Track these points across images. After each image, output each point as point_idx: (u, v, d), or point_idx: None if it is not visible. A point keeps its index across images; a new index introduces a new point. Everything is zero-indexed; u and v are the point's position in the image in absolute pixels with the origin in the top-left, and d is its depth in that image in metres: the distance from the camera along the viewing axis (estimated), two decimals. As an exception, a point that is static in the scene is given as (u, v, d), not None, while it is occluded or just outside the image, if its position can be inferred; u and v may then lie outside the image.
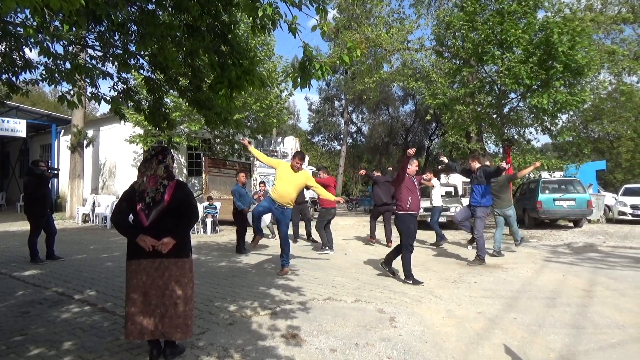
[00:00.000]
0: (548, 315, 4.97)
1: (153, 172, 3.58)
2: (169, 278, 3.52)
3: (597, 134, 22.70)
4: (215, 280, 6.70)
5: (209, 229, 14.04)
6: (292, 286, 6.28)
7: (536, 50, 12.02)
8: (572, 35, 11.63)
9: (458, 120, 14.81)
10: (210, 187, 16.19)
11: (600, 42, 17.58)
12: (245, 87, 4.53)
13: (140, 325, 3.46)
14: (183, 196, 3.62)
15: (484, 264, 8.23)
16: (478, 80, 14.12)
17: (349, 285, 6.40)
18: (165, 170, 3.62)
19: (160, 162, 3.61)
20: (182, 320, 3.52)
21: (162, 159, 3.63)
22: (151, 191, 3.54)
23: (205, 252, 9.79)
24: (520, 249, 10.23)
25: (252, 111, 18.88)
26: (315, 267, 7.96)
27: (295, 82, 3.91)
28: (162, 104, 6.03)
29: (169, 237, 3.49)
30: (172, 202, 3.55)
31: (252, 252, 9.76)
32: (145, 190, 3.54)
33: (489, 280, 6.86)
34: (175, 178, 3.69)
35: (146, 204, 3.52)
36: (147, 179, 3.56)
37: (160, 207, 3.52)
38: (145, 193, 3.53)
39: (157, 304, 3.49)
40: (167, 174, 3.62)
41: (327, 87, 45.70)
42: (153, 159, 3.62)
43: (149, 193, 3.53)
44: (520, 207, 15.70)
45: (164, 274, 3.52)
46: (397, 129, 42.97)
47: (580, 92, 12.43)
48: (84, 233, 13.83)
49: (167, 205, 3.53)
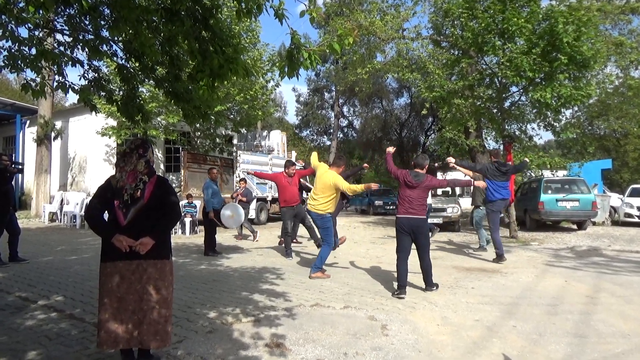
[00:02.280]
0: (549, 323, 5.03)
1: (133, 167, 3.55)
2: (148, 281, 3.51)
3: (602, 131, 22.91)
4: (194, 284, 6.68)
5: (187, 230, 14.00)
6: (277, 291, 6.27)
7: (539, 41, 12.11)
8: (577, 26, 11.73)
9: (456, 115, 14.88)
10: (190, 184, 16.13)
11: (607, 33, 17.74)
12: (228, 76, 4.51)
13: (114, 333, 3.44)
14: (164, 193, 3.61)
15: (504, 259, 8.88)
16: (478, 72, 14.21)
17: (338, 291, 6.41)
18: (146, 166, 3.60)
19: (141, 157, 3.59)
20: (162, 326, 3.51)
21: (143, 153, 3.61)
22: (130, 188, 3.52)
23: (183, 254, 9.75)
24: (521, 252, 10.33)
25: (235, 102, 18.83)
26: (303, 271, 7.97)
27: (282, 71, 3.91)
28: (137, 94, 5.98)
29: (147, 236, 3.47)
30: (152, 200, 3.54)
31: (233, 254, 9.74)
32: (123, 186, 3.51)
33: (487, 285, 6.92)
34: (155, 174, 3.68)
35: (124, 201, 3.49)
36: (127, 174, 3.54)
37: (139, 205, 3.50)
38: (123, 190, 3.50)
39: (134, 310, 3.47)
40: (147, 170, 3.60)
41: (317, 78, 45.70)
42: (133, 153, 3.60)
43: (127, 190, 3.51)
44: (521, 208, 15.86)
45: (142, 276, 3.50)
46: (391, 123, 43.12)
47: (585, 86, 12.54)
48: (51, 233, 13.69)
49: (146, 202, 3.52)
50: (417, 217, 6.35)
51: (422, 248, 6.50)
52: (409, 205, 6.37)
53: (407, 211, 6.37)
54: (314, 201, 7.49)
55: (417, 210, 6.36)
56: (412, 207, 6.36)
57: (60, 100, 39.49)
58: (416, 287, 6.77)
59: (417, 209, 6.35)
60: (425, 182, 6.43)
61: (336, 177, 7.36)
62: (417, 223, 6.35)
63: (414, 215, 6.35)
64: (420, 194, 6.41)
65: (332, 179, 7.33)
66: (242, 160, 17.29)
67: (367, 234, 14.62)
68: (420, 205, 6.39)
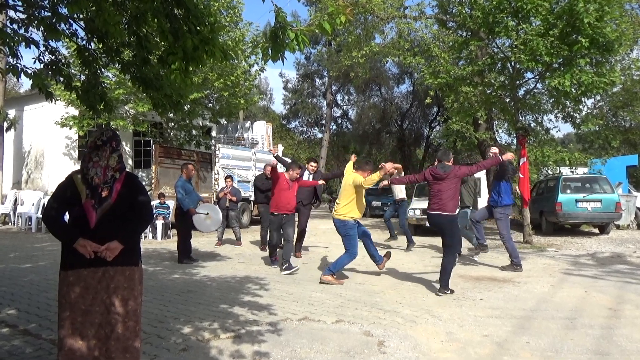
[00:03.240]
0: (567, 339, 5.06)
1: (106, 163, 3.55)
2: (116, 290, 3.50)
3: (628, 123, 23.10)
4: (167, 296, 6.66)
5: (159, 233, 13.96)
6: (261, 303, 6.27)
7: (557, 22, 12.17)
8: (600, 4, 11.79)
9: (464, 104, 14.93)
10: (162, 181, 16.07)
11: (634, 13, 17.89)
12: (203, 60, 4.49)
13: (78, 350, 3.42)
14: (133, 192, 3.61)
15: (520, 269, 8.94)
16: (488, 57, 14.25)
17: (329, 303, 6.42)
18: (118, 161, 3.62)
19: (114, 150, 3.61)
20: (131, 342, 3.51)
21: (116, 146, 3.63)
22: (102, 185, 3.51)
23: (154, 262, 9.72)
24: (537, 259, 10.41)
25: (214, 89, 18.76)
26: (290, 280, 7.97)
27: (265, 53, 3.90)
28: (100, 80, 5.94)
29: (115, 241, 3.46)
30: (119, 199, 3.53)
31: (211, 262, 9.72)
32: (99, 184, 3.49)
33: (498, 296, 6.96)
34: (125, 170, 3.67)
35: (98, 200, 3.48)
36: (102, 170, 3.53)
37: (106, 204, 3.49)
38: (100, 188, 3.49)
39: (101, 323, 3.46)
40: (119, 166, 3.61)
41: (307, 62, 45.61)
42: (106, 146, 3.58)
43: (103, 188, 3.50)
44: (537, 210, 15.94)
45: (109, 285, 3.49)
46: (390, 113, 43.10)
47: (608, 72, 12.62)
48: (3, 237, 13.59)
49: (114, 202, 3.51)
50: (439, 213, 7.07)
51: (446, 247, 7.26)
52: (436, 200, 7.11)
53: (432, 207, 7.18)
54: (336, 206, 8.03)
55: (445, 204, 7.04)
56: (440, 201, 7.06)
57: (14, 86, 39.15)
58: (418, 296, 6.81)
59: (445, 203, 7.04)
60: (453, 172, 7.14)
61: (354, 175, 7.84)
62: (439, 220, 7.13)
63: (437, 211, 7.09)
64: (449, 185, 7.09)
65: (349, 178, 7.87)
66: (221, 155, 17.23)
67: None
68: (450, 198, 7.07)
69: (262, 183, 11.97)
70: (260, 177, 12.52)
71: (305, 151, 49.88)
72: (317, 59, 43.27)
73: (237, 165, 17.68)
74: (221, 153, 17.31)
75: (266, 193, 11.83)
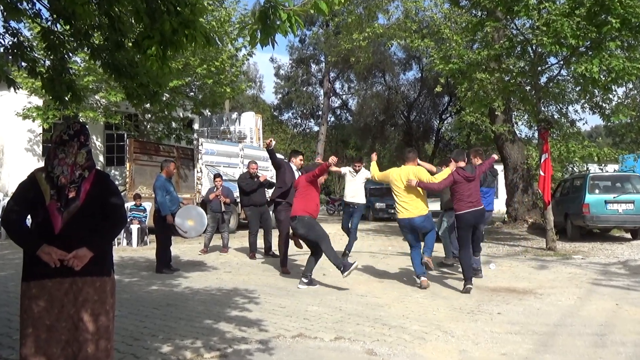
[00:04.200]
0: (596, 358, 5.07)
1: (74, 159, 3.54)
2: (84, 304, 3.48)
3: (664, 114, 23.20)
4: (143, 310, 6.66)
5: (134, 240, 13.96)
6: (250, 319, 6.28)
7: (585, 0, 12.18)
8: (632, -20, 11.82)
9: (479, 93, 14.95)
10: (137, 181, 16.06)
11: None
12: (183, 44, 4.48)
13: (43, 371, 3.42)
14: (104, 192, 3.60)
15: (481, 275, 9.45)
16: (506, 39, 14.27)
17: (327, 317, 6.43)
18: (87, 158, 3.60)
19: (83, 146, 3.58)
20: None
21: (85, 140, 3.61)
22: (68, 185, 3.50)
23: (129, 272, 9.72)
24: (561, 268, 10.42)
25: (196, 76, 18.75)
26: (283, 292, 7.98)
27: (253, 37, 3.89)
28: (67, 66, 5.93)
29: (84, 247, 3.45)
30: (89, 201, 3.52)
31: (194, 272, 9.71)
32: (66, 184, 3.48)
33: (518, 310, 6.98)
34: (95, 167, 3.66)
35: (64, 202, 3.47)
36: (69, 168, 3.52)
37: (73, 207, 3.48)
38: (67, 188, 3.48)
39: (68, 341, 3.45)
40: (88, 163, 3.59)
41: (301, 45, 45.63)
42: (73, 141, 3.57)
43: (70, 188, 3.49)
44: (561, 213, 15.95)
45: (77, 298, 3.48)
46: (396, 103, 43.13)
47: (642, 57, 12.63)
48: (-42, 245, 13.55)
49: (82, 204, 3.50)
50: (481, 207, 8.55)
51: (474, 241, 8.76)
52: (472, 199, 8.41)
53: (471, 205, 8.37)
54: (408, 206, 8.47)
55: (479, 200, 8.54)
56: (475, 199, 8.43)
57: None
58: (427, 309, 6.82)
59: (478, 199, 8.53)
60: (478, 170, 8.72)
61: (417, 170, 8.62)
62: (482, 212, 8.65)
63: (478, 206, 8.47)
64: (477, 184, 8.60)
65: (411, 174, 8.48)
66: (204, 151, 17.23)
67: (366, 245, 14.67)
68: (478, 194, 8.61)
69: (247, 183, 11.91)
70: (244, 176, 12.46)
71: (299, 146, 49.83)
72: (313, 42, 43.22)
73: (222, 162, 17.68)
74: (204, 148, 17.32)
75: (250, 195, 11.81)
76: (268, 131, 41.77)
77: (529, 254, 12.60)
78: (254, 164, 12.34)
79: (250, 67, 49.18)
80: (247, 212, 12.18)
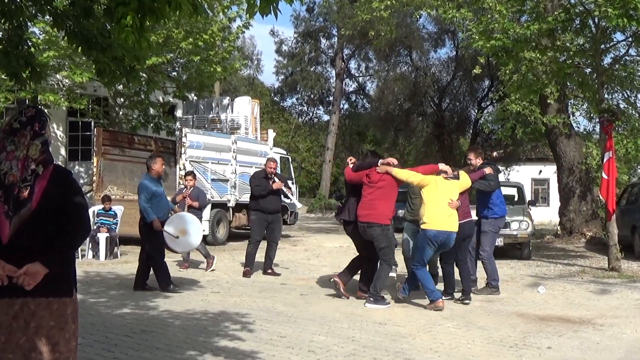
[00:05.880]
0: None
1: (26, 152, 3.50)
2: (38, 331, 3.45)
3: None
4: (113, 337, 6.65)
5: (102, 251, 13.93)
6: (242, 350, 6.28)
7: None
8: None
9: (527, 77, 14.92)
10: (107, 179, 16.10)
11: None
12: (165, 13, 4.48)
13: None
14: (65, 193, 3.55)
15: (499, 293, 9.95)
16: (562, 10, 14.23)
17: (337, 350, 6.42)
18: (43, 150, 3.54)
19: (37, 135, 3.52)
20: None
21: (40, 129, 3.54)
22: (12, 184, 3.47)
23: (96, 291, 9.74)
24: (626, 292, 10.38)
25: (180, 52, 18.75)
26: (283, 318, 7.97)
27: (251, 4, 3.90)
28: (24, 37, 5.95)
29: (37, 262, 3.39)
30: (45, 203, 3.48)
31: (174, 292, 9.72)
32: (15, 182, 3.45)
33: (572, 344, 6.94)
34: (52, 163, 3.62)
35: (13, 205, 3.43)
36: (19, 162, 3.48)
37: (25, 211, 3.44)
38: (15, 187, 3.44)
39: (17, 375, 3.45)
40: (43, 157, 3.55)
41: (309, 16, 45.74)
42: (26, 129, 3.54)
43: (20, 188, 3.45)
44: (627, 225, 15.87)
45: (28, 324, 3.44)
46: (424, 88, 42.81)
47: None
48: None
49: (36, 208, 3.46)
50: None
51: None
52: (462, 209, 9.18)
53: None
54: (451, 218, 8.80)
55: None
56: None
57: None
58: (461, 342, 6.79)
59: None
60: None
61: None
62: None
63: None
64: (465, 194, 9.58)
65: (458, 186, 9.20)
66: (189, 144, 17.16)
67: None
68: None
69: (257, 185, 11.73)
70: (258, 175, 12.32)
71: (305, 139, 49.92)
72: (324, 12, 43.22)
73: (210, 157, 17.60)
74: (189, 141, 17.19)
75: (259, 200, 11.70)
76: (267, 120, 41.89)
77: (586, 275, 12.57)
78: (272, 162, 12.17)
79: (246, 41, 49.43)
80: (252, 217, 12.17)
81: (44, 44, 16.52)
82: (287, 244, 18.09)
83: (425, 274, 8.82)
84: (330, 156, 43.30)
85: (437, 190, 8.78)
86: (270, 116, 47.63)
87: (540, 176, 37.75)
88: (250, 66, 51.46)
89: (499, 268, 13.07)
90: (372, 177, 9.10)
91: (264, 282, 11.03)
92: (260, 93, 47.08)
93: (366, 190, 9.11)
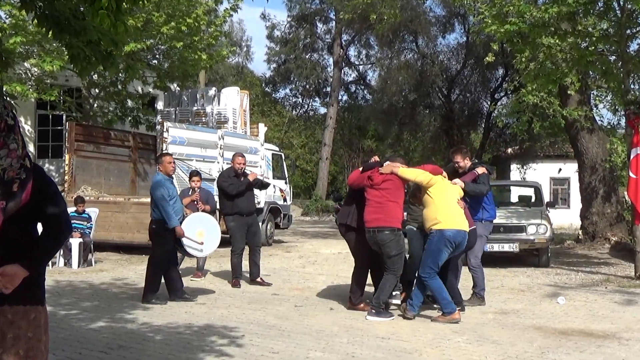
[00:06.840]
0: None
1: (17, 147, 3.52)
2: (16, 343, 3.40)
3: None
4: (87, 354, 6.67)
5: (75, 259, 13.90)
6: (231, 367, 6.32)
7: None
8: None
9: (545, 65, 14.95)
10: (80, 178, 16.10)
11: None
12: (146, -6, 4.52)
13: None
14: (46, 192, 3.54)
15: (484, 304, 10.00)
16: (584, -9, 14.28)
17: (336, 367, 6.46)
18: (24, 146, 3.56)
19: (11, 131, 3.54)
20: None
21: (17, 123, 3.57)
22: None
23: (67, 302, 9.73)
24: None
25: (160, 38, 18.76)
26: (275, 332, 8.00)
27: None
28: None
29: (17, 264, 3.31)
30: (32, 198, 3.44)
31: (155, 304, 9.72)
32: (14, 177, 3.42)
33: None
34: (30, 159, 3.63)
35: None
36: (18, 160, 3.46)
37: (13, 204, 3.36)
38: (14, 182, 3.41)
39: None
40: (25, 151, 3.56)
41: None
42: (17, 125, 3.55)
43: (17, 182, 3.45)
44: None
45: (4, 335, 3.38)
46: (432, 77, 42.83)
47: None
48: None
49: (23, 205, 3.43)
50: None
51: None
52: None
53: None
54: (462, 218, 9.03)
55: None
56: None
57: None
58: (472, 358, 6.85)
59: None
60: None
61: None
62: None
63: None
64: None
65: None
66: (171, 139, 17.16)
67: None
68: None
69: (230, 183, 11.61)
70: (227, 173, 12.22)
71: (299, 134, 49.88)
72: (320, -6, 43.23)
73: (195, 154, 17.58)
74: (171, 136, 17.17)
75: (235, 200, 11.59)
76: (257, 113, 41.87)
77: (611, 284, 12.59)
78: (240, 157, 12.08)
79: (234, 26, 49.32)
80: (230, 224, 11.86)
81: (10, 29, 16.53)
82: (280, 250, 18.12)
83: (439, 283, 8.80)
84: (327, 153, 43.28)
85: (446, 189, 8.92)
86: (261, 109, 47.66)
87: (560, 175, 37.55)
88: (239, 53, 51.46)
89: (515, 276, 13.20)
90: (375, 179, 9.13)
91: (254, 293, 11.05)
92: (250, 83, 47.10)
93: (371, 194, 9.12)
